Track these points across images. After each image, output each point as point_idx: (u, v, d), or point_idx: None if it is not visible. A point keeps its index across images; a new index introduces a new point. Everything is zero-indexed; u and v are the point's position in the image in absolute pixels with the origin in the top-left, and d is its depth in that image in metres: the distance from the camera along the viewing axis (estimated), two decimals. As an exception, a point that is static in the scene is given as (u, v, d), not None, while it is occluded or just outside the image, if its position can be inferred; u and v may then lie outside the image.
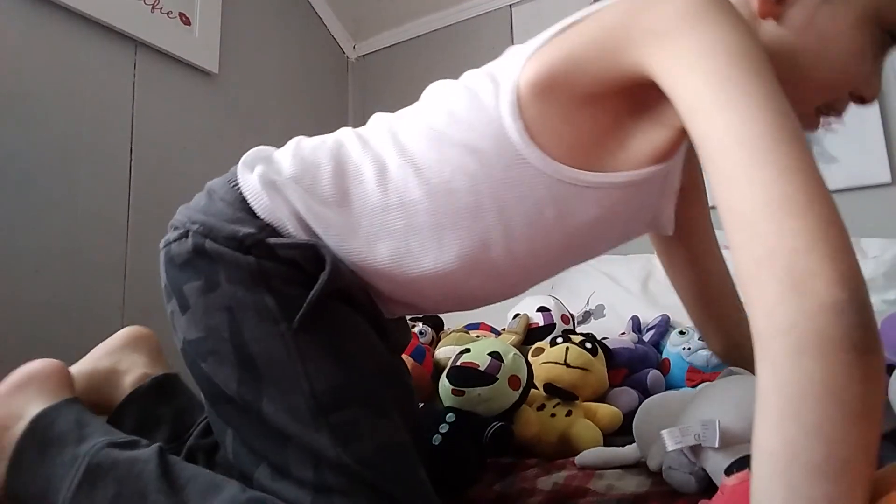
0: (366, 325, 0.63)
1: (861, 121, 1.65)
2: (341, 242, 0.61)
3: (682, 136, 0.56)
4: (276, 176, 0.62)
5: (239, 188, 0.63)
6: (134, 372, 0.80)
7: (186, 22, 1.82)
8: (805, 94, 0.56)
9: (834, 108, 0.60)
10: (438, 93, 0.67)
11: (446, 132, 0.60)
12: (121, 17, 1.62)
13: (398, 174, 0.61)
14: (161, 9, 1.74)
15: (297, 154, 0.65)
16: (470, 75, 0.65)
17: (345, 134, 0.67)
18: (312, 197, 0.61)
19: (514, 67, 0.58)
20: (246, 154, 0.68)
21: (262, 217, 0.61)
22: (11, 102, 1.40)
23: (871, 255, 1.44)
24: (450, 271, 0.61)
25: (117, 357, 0.82)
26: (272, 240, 0.60)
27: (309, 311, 0.58)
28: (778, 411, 0.37)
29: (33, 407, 0.65)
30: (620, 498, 0.66)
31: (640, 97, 0.54)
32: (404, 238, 0.61)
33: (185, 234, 0.61)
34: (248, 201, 0.62)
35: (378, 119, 0.69)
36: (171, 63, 1.79)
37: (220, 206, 0.63)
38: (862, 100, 0.59)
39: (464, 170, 0.59)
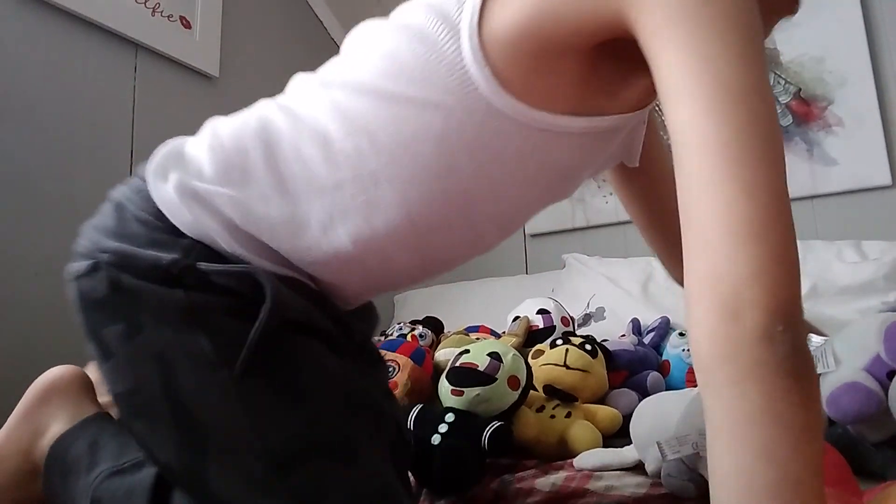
0: (321, 347, 0.55)
1: (861, 123, 1.65)
2: (294, 242, 0.53)
3: None
4: (197, 182, 0.53)
5: (154, 202, 0.53)
6: None
7: (187, 25, 1.83)
8: None
9: None
10: (369, 40, 0.56)
11: (396, 87, 0.51)
12: (121, 21, 1.62)
13: (347, 144, 0.51)
14: (161, 12, 1.74)
15: (215, 145, 0.55)
16: (408, 13, 0.53)
17: (267, 109, 0.57)
18: (247, 196, 0.52)
19: (471, 5, 0.49)
20: (153, 155, 0.56)
21: (188, 234, 0.52)
22: (12, 105, 1.40)
23: (872, 258, 1.44)
24: (426, 243, 0.55)
25: None
26: (203, 265, 0.50)
27: (251, 354, 0.49)
28: (727, 436, 0.37)
29: (57, 423, 0.65)
30: (619, 499, 0.66)
31: (627, 46, 0.45)
32: (366, 217, 0.52)
33: (96, 267, 0.52)
34: (169, 217, 0.52)
35: (301, 83, 0.59)
36: (172, 66, 1.79)
37: (134, 226, 0.53)
38: None
39: (428, 129, 0.50)
